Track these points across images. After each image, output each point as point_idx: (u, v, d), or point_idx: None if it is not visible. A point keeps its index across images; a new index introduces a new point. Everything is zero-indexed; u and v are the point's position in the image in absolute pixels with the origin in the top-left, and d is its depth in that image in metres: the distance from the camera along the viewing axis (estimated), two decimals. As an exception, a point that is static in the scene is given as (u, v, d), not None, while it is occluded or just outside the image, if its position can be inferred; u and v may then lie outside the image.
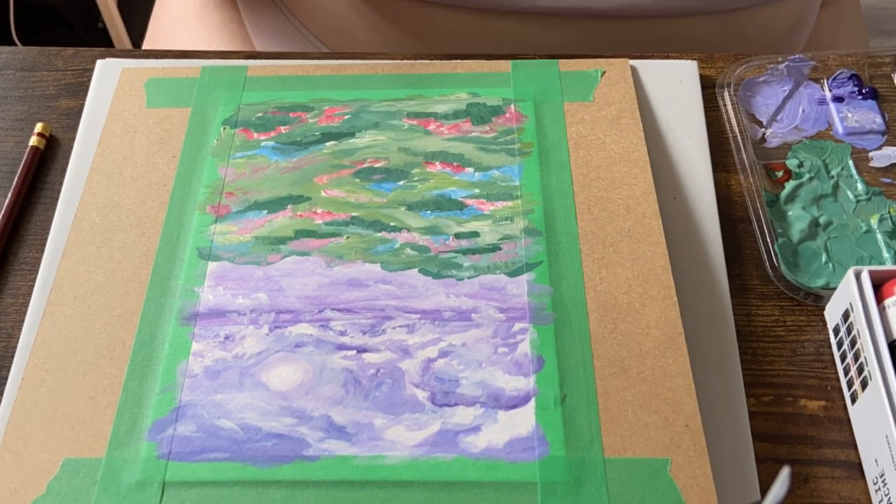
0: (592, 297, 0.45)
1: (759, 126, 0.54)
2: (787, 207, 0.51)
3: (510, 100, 0.54)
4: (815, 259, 0.49)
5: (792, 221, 0.50)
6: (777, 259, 0.48)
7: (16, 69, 0.59)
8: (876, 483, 0.41)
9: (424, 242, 0.48)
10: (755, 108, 0.55)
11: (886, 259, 0.49)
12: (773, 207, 0.51)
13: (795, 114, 0.55)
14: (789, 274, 0.47)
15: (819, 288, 0.47)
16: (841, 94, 0.56)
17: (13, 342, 0.46)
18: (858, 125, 0.54)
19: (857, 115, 0.55)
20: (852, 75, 0.56)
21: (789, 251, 0.49)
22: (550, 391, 0.42)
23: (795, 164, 0.53)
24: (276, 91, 0.54)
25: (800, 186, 0.52)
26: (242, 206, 0.49)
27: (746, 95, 0.56)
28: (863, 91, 0.56)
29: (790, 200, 0.51)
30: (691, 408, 0.42)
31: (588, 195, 0.49)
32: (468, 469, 0.40)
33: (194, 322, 0.45)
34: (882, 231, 0.50)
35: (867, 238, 0.50)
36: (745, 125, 0.54)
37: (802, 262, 0.49)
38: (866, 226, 0.50)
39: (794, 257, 0.49)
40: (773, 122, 0.55)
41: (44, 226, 0.51)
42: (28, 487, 0.40)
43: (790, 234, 0.50)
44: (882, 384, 0.40)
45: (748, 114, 0.55)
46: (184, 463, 0.41)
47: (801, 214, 0.50)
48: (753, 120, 0.55)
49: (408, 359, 0.44)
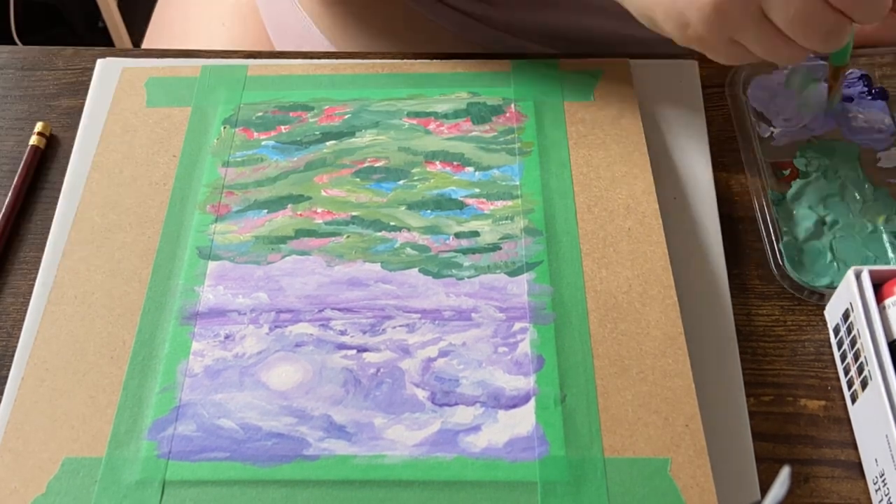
0: (592, 297, 0.45)
1: (768, 125, 0.54)
2: (793, 206, 0.51)
3: (510, 99, 0.54)
4: (821, 258, 0.49)
5: (798, 220, 0.50)
6: (782, 257, 0.48)
7: (16, 69, 0.59)
8: (876, 483, 0.41)
9: (424, 242, 0.48)
10: (763, 106, 0.55)
11: (892, 259, 0.49)
12: (780, 206, 0.51)
13: (804, 113, 0.55)
14: (793, 272, 0.47)
15: (823, 287, 0.47)
16: (850, 94, 0.56)
17: (13, 342, 0.46)
18: (867, 125, 0.54)
19: (867, 115, 0.55)
20: (862, 75, 0.56)
21: (794, 250, 0.49)
22: (550, 391, 0.42)
23: (803, 163, 0.53)
24: (276, 90, 0.54)
25: (807, 185, 0.52)
26: (242, 206, 0.49)
27: (755, 94, 0.56)
28: (872, 91, 0.56)
29: (796, 199, 0.51)
30: (691, 408, 0.42)
31: (588, 195, 0.49)
32: (468, 469, 0.40)
33: (194, 321, 0.45)
34: (888, 231, 0.50)
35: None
36: (754, 123, 0.54)
37: (807, 261, 0.49)
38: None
39: (799, 256, 0.49)
40: (782, 120, 0.55)
41: (44, 225, 0.51)
42: (28, 487, 0.40)
43: (796, 232, 0.50)
44: (882, 384, 0.40)
45: (757, 112, 0.55)
46: (184, 462, 0.41)
47: (807, 213, 0.50)
48: (761, 118, 0.55)
49: (408, 358, 0.44)
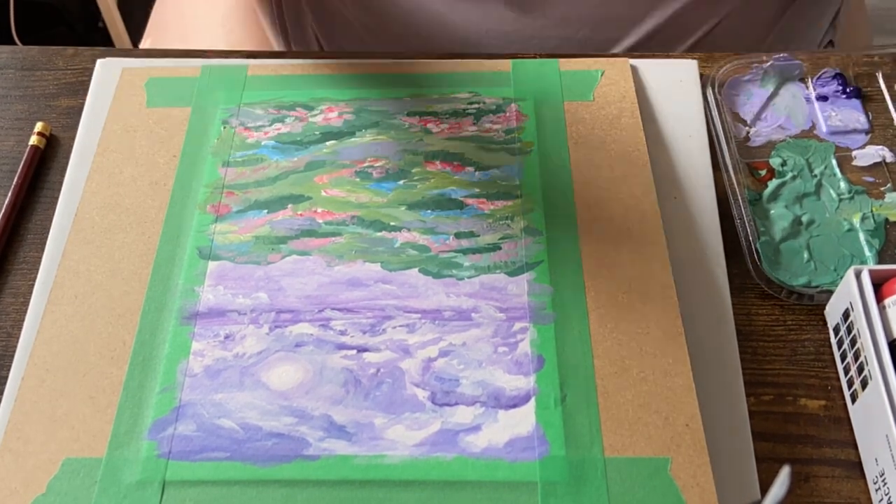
0: (593, 297, 0.45)
1: (744, 125, 0.55)
2: (769, 206, 0.51)
3: (510, 99, 0.54)
4: (797, 257, 0.49)
5: (774, 220, 0.50)
6: (759, 257, 0.48)
7: (16, 69, 0.59)
8: (876, 482, 0.41)
9: (425, 242, 0.48)
10: (739, 106, 0.55)
11: (868, 258, 0.49)
12: (756, 206, 0.51)
13: (779, 113, 0.55)
14: (771, 272, 0.47)
15: (800, 286, 0.47)
16: (825, 93, 0.56)
17: (13, 342, 0.46)
18: (842, 124, 0.54)
19: (841, 114, 0.55)
20: (836, 74, 0.56)
21: (771, 249, 0.49)
22: (550, 391, 0.42)
23: (779, 162, 0.53)
24: (276, 90, 0.54)
25: (783, 185, 0.52)
26: (243, 206, 0.49)
27: (731, 94, 0.56)
28: (847, 90, 0.56)
29: (773, 199, 0.51)
30: (691, 407, 0.42)
31: (588, 195, 0.49)
32: (468, 469, 0.40)
33: (194, 321, 0.45)
34: (864, 230, 0.50)
35: (849, 237, 0.50)
36: (730, 124, 0.54)
37: (784, 261, 0.49)
38: (848, 224, 0.50)
39: (776, 256, 0.49)
40: (757, 120, 0.55)
41: (44, 225, 0.51)
42: (28, 487, 0.40)
43: (773, 232, 0.50)
44: (882, 384, 0.40)
45: (732, 112, 0.55)
46: (184, 462, 0.41)
47: (783, 213, 0.50)
48: (737, 119, 0.55)
49: (408, 358, 0.44)
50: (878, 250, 0.49)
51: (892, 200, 0.51)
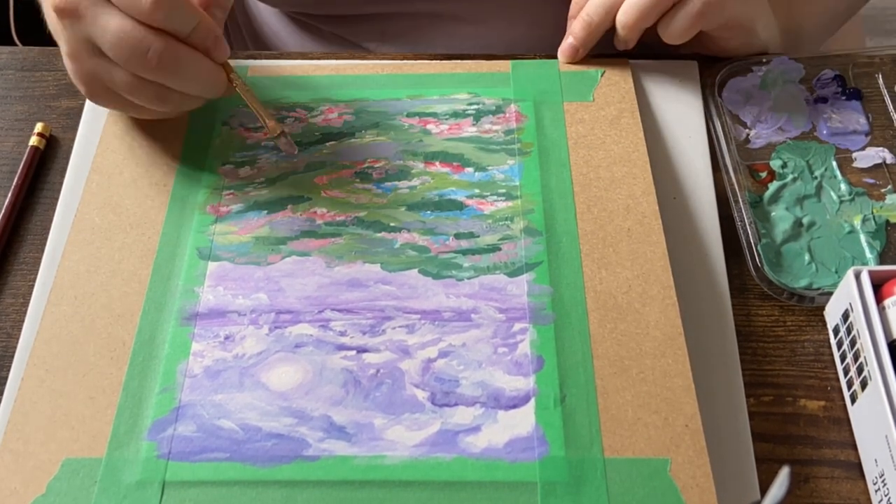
0: (592, 297, 0.45)
1: (744, 127, 0.54)
2: (770, 208, 0.51)
3: (510, 100, 0.54)
4: (798, 259, 0.49)
5: (775, 222, 0.50)
6: (760, 260, 0.48)
7: (16, 69, 0.59)
8: (876, 483, 0.41)
9: (424, 243, 0.48)
10: (739, 109, 0.55)
11: (869, 260, 0.49)
12: (757, 208, 0.51)
13: (779, 114, 0.55)
14: (772, 274, 0.47)
15: (802, 288, 0.47)
16: (825, 95, 0.56)
17: (13, 342, 0.46)
18: (842, 126, 0.54)
19: (841, 115, 0.55)
20: (836, 76, 0.56)
21: (772, 252, 0.49)
22: (550, 391, 0.42)
23: (779, 164, 0.53)
24: (276, 91, 0.54)
25: (783, 187, 0.52)
26: (242, 207, 0.49)
27: (731, 96, 0.56)
28: (847, 92, 0.56)
29: (774, 201, 0.51)
30: (691, 408, 0.42)
31: (588, 195, 0.49)
32: (468, 469, 0.40)
33: (194, 322, 0.45)
34: (865, 231, 0.50)
35: (850, 238, 0.50)
36: (730, 126, 0.54)
37: (785, 263, 0.49)
38: (849, 226, 0.50)
39: (777, 258, 0.49)
40: (757, 122, 0.55)
41: (44, 226, 0.51)
42: (28, 487, 0.40)
43: (773, 234, 0.50)
44: (882, 384, 0.40)
45: (732, 115, 0.55)
46: (184, 463, 0.41)
47: (784, 215, 0.50)
48: (737, 121, 0.55)
49: (408, 359, 0.44)
50: (879, 252, 0.49)
51: (893, 202, 0.51)
